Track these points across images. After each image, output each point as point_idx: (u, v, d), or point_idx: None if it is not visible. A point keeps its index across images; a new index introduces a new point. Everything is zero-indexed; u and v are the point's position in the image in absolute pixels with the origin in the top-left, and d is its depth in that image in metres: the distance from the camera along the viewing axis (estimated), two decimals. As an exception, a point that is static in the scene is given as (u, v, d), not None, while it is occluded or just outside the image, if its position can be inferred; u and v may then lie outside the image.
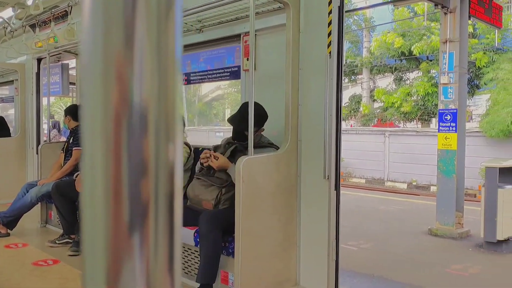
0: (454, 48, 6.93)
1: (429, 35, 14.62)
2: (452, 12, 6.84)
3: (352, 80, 19.88)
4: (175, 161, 0.38)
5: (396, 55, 16.02)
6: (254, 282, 3.06)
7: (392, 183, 13.90)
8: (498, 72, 12.65)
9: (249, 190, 2.97)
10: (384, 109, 17.21)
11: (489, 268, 5.51)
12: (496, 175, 5.97)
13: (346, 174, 15.03)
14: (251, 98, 2.96)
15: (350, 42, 19.50)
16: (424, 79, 15.26)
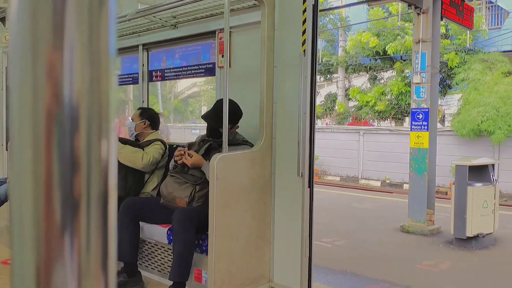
0: (426, 48, 7.05)
1: (403, 35, 14.85)
2: (425, 13, 6.96)
3: (328, 78, 20.05)
4: (109, 158, 0.37)
5: (371, 55, 16.22)
6: (228, 279, 3.06)
7: (366, 181, 14.09)
8: (469, 72, 12.94)
9: (223, 188, 2.96)
10: (359, 108, 17.42)
11: (458, 264, 5.64)
12: (466, 173, 6.12)
13: (322, 172, 15.15)
14: (225, 95, 2.95)
15: (326, 41, 19.65)
16: (398, 79, 15.50)
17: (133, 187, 3.66)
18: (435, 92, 7.43)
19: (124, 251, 3.27)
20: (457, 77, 13.41)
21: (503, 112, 11.34)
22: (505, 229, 7.16)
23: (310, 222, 3.27)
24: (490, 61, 13.21)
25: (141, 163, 3.60)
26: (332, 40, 19.73)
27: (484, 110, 11.51)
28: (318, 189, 11.47)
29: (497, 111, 11.41)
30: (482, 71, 12.82)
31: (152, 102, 22.38)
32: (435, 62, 7.31)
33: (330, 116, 20.16)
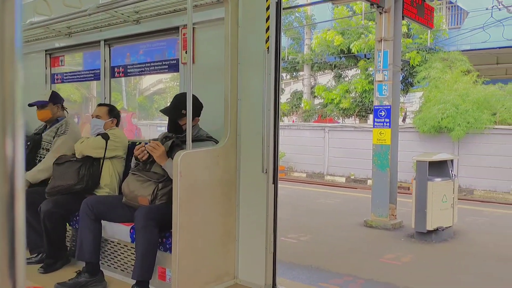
0: (388, 46, 7.21)
1: (367, 33, 15.11)
2: (387, 12, 7.11)
3: (294, 76, 20.21)
4: (15, 157, 0.34)
5: (335, 53, 16.44)
6: (192, 277, 3.04)
7: (332, 177, 14.29)
8: (430, 70, 13.30)
9: (187, 185, 2.94)
10: (324, 105, 17.64)
11: (419, 256, 5.81)
12: (426, 168, 6.30)
13: (288, 168, 15.28)
14: (189, 92, 2.93)
15: (292, 39, 19.79)
16: (362, 77, 15.78)
17: (87, 179, 3.57)
18: (397, 89, 7.61)
19: (85, 251, 3.20)
20: (419, 76, 13.76)
21: (462, 110, 11.72)
22: (464, 222, 7.42)
23: (274, 218, 3.30)
24: (450, 60, 13.62)
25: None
26: (298, 38, 19.89)
27: (444, 107, 11.86)
28: (284, 186, 11.60)
29: (457, 108, 11.78)
30: (443, 70, 13.20)
31: (117, 98, 21.97)
32: (397, 61, 7.48)
33: (296, 113, 20.33)
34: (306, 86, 19.41)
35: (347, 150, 13.95)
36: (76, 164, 3.56)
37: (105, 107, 3.91)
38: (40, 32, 4.78)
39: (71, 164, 3.58)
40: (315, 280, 4.70)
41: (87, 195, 3.45)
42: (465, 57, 13.60)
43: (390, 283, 4.70)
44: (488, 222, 7.87)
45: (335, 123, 16.58)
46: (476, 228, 7.30)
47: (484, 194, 11.28)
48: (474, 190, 11.54)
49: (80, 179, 3.53)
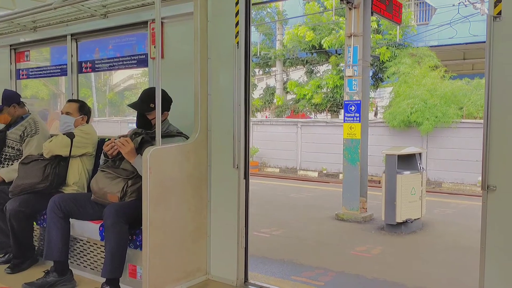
0: (358, 42, 7.31)
1: (338, 29, 15.25)
2: (356, 8, 7.21)
3: (266, 72, 20.25)
4: None
5: (307, 48, 16.54)
6: (164, 274, 3.02)
7: (304, 171, 14.41)
8: (399, 66, 13.54)
9: (157, 181, 2.91)
10: (296, 101, 17.75)
11: (389, 248, 5.93)
12: (395, 162, 6.43)
13: (262, 164, 15.33)
14: (158, 87, 2.90)
15: (264, 35, 19.81)
16: (333, 72, 15.93)
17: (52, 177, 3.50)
18: (366, 84, 7.72)
19: (53, 250, 3.14)
20: (388, 71, 13.99)
21: (430, 104, 11.99)
22: (432, 214, 7.61)
23: (246, 213, 3.30)
24: (418, 55, 13.90)
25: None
26: (270, 33, 19.92)
27: (413, 102, 12.11)
28: (258, 181, 11.63)
29: (425, 103, 12.04)
30: (411, 65, 13.46)
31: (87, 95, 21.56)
32: (366, 56, 7.58)
33: (269, 109, 20.39)
34: (279, 82, 19.48)
35: (319, 145, 14.08)
36: (42, 163, 3.49)
37: (75, 104, 3.83)
38: (4, 27, 4.65)
39: (37, 163, 3.50)
40: (288, 273, 4.74)
41: (55, 194, 3.38)
42: (433, 52, 13.90)
43: (360, 275, 4.79)
44: (455, 214, 8.10)
45: (307, 119, 16.71)
46: (444, 220, 7.51)
47: (452, 187, 11.59)
48: (442, 183, 11.84)
49: (45, 178, 3.46)
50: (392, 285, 4.53)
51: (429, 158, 12.00)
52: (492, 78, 2.30)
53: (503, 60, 2.28)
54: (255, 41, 19.21)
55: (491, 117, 2.31)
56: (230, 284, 3.27)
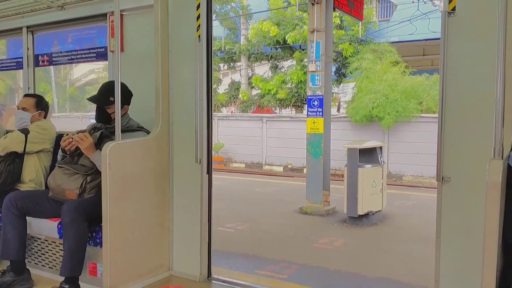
0: (320, 37, 7.39)
1: (302, 25, 15.36)
2: (319, 3, 7.28)
3: (231, 67, 20.20)
4: None
5: (272, 44, 16.59)
6: (125, 271, 2.99)
7: (270, 166, 14.49)
8: (362, 62, 13.76)
9: (117, 177, 2.87)
10: (261, 96, 17.79)
11: (351, 240, 6.06)
12: (357, 155, 6.56)
13: (227, 159, 15.32)
14: (117, 81, 2.85)
15: (229, 29, 19.73)
16: (297, 68, 16.05)
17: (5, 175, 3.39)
18: (329, 80, 7.82)
19: (10, 249, 3.05)
20: (351, 66, 14.20)
21: (391, 99, 12.26)
22: (392, 206, 7.81)
23: (209, 208, 3.30)
24: (380, 51, 14.16)
25: None
26: (235, 28, 19.86)
27: (374, 97, 12.35)
28: (223, 177, 11.61)
29: (386, 98, 12.30)
30: (373, 61, 13.70)
31: (46, 89, 20.90)
32: (329, 51, 7.68)
33: (234, 104, 20.37)
34: (244, 77, 19.48)
35: (284, 140, 14.18)
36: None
37: (32, 99, 3.70)
38: (-45, 18, 4.44)
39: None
40: (252, 267, 4.77)
41: (10, 191, 3.27)
42: (394, 48, 14.20)
43: (323, 267, 4.87)
44: (414, 206, 8.34)
45: (272, 114, 16.79)
46: (404, 212, 7.72)
47: (412, 180, 11.91)
48: (403, 176, 12.16)
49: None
50: (354, 276, 4.63)
51: (390, 151, 12.29)
52: (447, 73, 2.37)
53: (457, 55, 2.35)
54: (219, 36, 19.10)
55: (445, 111, 2.38)
56: (193, 280, 3.26)
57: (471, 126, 2.32)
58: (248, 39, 18.01)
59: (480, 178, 1.82)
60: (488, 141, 1.95)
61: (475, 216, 2.30)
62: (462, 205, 2.38)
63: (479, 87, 2.29)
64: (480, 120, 2.28)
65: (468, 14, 2.32)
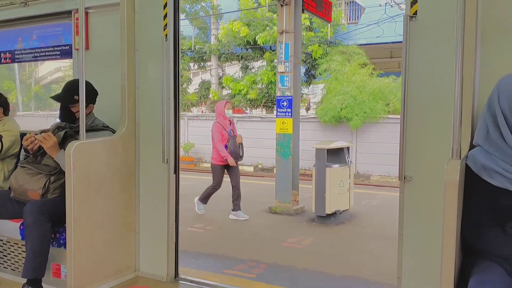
0: (289, 38, 7.45)
1: (272, 26, 15.43)
2: (288, 5, 7.34)
3: (202, 66, 20.09)
4: None
5: (242, 44, 16.60)
6: (89, 272, 2.94)
7: (241, 166, 14.40)
8: (331, 63, 13.94)
9: (81, 177, 2.82)
10: (232, 96, 17.77)
11: (319, 239, 6.13)
12: (325, 155, 6.64)
13: (198, 159, 15.22)
14: (81, 79, 2.80)
15: (199, 29, 19.62)
16: (267, 68, 16.11)
17: None
18: (298, 81, 7.89)
19: (-32, 252, 2.95)
20: (320, 68, 14.36)
21: (359, 100, 12.47)
22: (360, 205, 7.94)
23: (176, 208, 3.28)
24: (348, 53, 14.38)
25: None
26: (205, 27, 19.77)
27: (343, 98, 12.53)
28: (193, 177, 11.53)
29: (355, 99, 12.50)
30: (342, 63, 13.90)
31: (11, 88, 20.29)
32: (298, 53, 7.75)
33: (205, 103, 20.27)
34: (214, 77, 19.40)
35: (255, 140, 14.19)
36: None
37: None
38: None
39: None
40: (220, 267, 4.76)
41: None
42: (362, 50, 14.44)
43: (291, 266, 4.91)
44: (381, 205, 8.50)
45: (243, 114, 16.80)
46: (370, 211, 7.87)
47: (379, 179, 12.14)
48: (370, 176, 12.38)
49: None
50: (321, 275, 4.69)
51: (358, 152, 12.49)
52: (408, 75, 2.43)
53: (418, 58, 2.42)
54: (189, 35, 18.98)
55: (407, 113, 2.45)
56: (160, 280, 3.24)
57: (432, 127, 2.39)
58: (219, 39, 17.97)
59: (440, 177, 1.87)
60: (448, 142, 2.00)
61: (436, 214, 2.36)
62: (423, 203, 2.45)
63: (439, 89, 2.36)
64: (440, 121, 2.35)
65: (428, 18, 2.39)
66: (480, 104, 2.20)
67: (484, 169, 1.89)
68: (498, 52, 2.26)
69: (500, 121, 1.87)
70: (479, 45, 2.23)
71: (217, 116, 7.17)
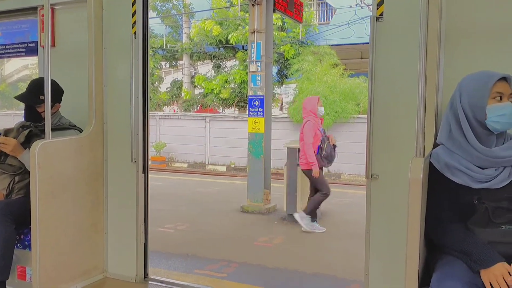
0: (261, 38, 7.47)
1: (244, 25, 15.44)
2: (259, 4, 7.36)
3: (174, 65, 19.93)
4: None
5: (214, 43, 16.54)
6: (56, 274, 2.88)
7: (213, 166, 14.44)
8: (302, 63, 14.06)
9: (47, 177, 2.76)
10: (204, 95, 17.70)
11: (290, 237, 6.17)
12: (296, 154, 6.69)
13: (169, 159, 15.10)
14: (47, 77, 2.73)
15: (171, 27, 19.46)
16: (240, 68, 16.11)
17: None
18: (269, 80, 7.93)
19: None
20: (292, 68, 14.46)
21: (330, 100, 12.60)
22: (330, 204, 7.99)
23: (145, 208, 3.25)
24: (320, 53, 14.53)
25: None
26: (177, 26, 19.62)
27: (315, 98, 12.63)
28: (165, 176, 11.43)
29: (326, 99, 12.62)
30: (314, 63, 14.03)
31: (-25, 86, 19.63)
32: (269, 52, 7.78)
33: (177, 103, 20.13)
34: (186, 76, 19.28)
35: (228, 139, 14.18)
36: None
37: None
38: None
39: None
40: (191, 267, 4.74)
41: None
42: (333, 51, 14.61)
43: (262, 265, 4.93)
44: (351, 203, 8.62)
45: (216, 113, 16.75)
46: (341, 209, 7.97)
47: (350, 178, 12.31)
48: (341, 174, 12.54)
49: None
50: (292, 273, 4.72)
51: (329, 151, 12.60)
52: (375, 76, 2.47)
53: (384, 59, 2.46)
54: (161, 34, 18.80)
55: (373, 112, 2.49)
56: (129, 281, 3.20)
57: (397, 126, 2.44)
58: (191, 38, 17.86)
59: (405, 175, 1.91)
60: (413, 141, 2.05)
61: (401, 212, 2.40)
62: (389, 201, 2.50)
63: (404, 89, 2.41)
64: (405, 120, 2.40)
65: (394, 19, 2.43)
66: (444, 104, 2.26)
67: (447, 167, 1.94)
68: (461, 53, 2.32)
69: (462, 121, 1.93)
70: (442, 46, 2.29)
71: (307, 114, 6.23)
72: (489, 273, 1.74)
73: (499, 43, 2.25)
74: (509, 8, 2.23)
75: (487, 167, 1.90)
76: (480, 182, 1.88)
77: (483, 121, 1.89)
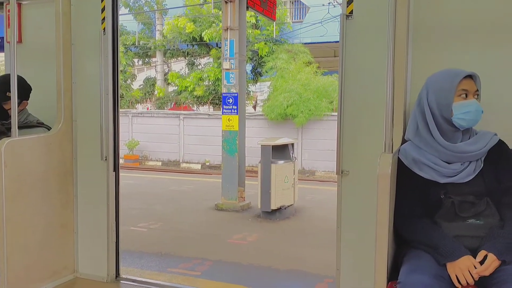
0: (234, 36, 7.46)
1: (218, 22, 15.38)
2: (232, 2, 7.35)
3: (147, 62, 19.69)
4: None
5: (188, 40, 16.43)
6: (24, 275, 2.82)
7: (187, 164, 14.36)
8: (277, 61, 14.11)
9: (14, 176, 2.70)
10: (178, 93, 17.57)
11: (264, 234, 6.20)
12: (270, 152, 6.73)
13: (143, 157, 14.94)
14: (13, 73, 2.68)
15: (143, 24, 19.23)
16: (214, 65, 16.05)
17: None
18: (243, 78, 7.93)
19: None
20: (267, 66, 14.49)
21: (304, 98, 12.70)
22: (304, 200, 8.10)
23: (116, 207, 3.21)
24: (294, 51, 14.61)
25: None
26: (150, 23, 19.39)
27: (289, 96, 12.72)
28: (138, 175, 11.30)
29: (300, 97, 12.72)
30: (287, 61, 14.10)
31: None
32: (243, 50, 7.78)
33: (150, 100, 19.91)
34: (160, 73, 19.08)
35: (202, 137, 14.13)
36: None
37: None
38: None
39: None
40: (164, 266, 4.71)
41: None
42: (307, 49, 14.71)
43: (236, 262, 4.94)
44: (325, 199, 8.71)
45: (190, 111, 16.64)
46: (314, 205, 8.04)
47: (323, 175, 12.43)
48: (315, 171, 12.65)
49: None
50: (266, 270, 4.75)
51: (303, 148, 12.73)
52: (345, 73, 2.50)
53: (353, 57, 2.49)
54: (133, 30, 18.55)
55: (343, 110, 2.52)
56: (100, 281, 3.16)
57: (367, 123, 2.48)
58: (164, 35, 17.68)
59: (374, 171, 1.95)
60: (381, 137, 2.09)
61: (371, 207, 2.43)
62: (359, 196, 2.54)
63: (373, 86, 2.44)
64: (374, 117, 2.43)
65: (364, 17, 2.47)
66: (412, 101, 2.30)
67: (415, 162, 1.98)
68: (428, 51, 2.37)
69: (428, 118, 1.97)
70: (410, 44, 2.33)
71: None
72: (455, 266, 1.78)
73: (465, 40, 2.30)
74: (475, 6, 2.29)
75: (453, 162, 1.94)
76: (447, 177, 1.92)
77: (449, 118, 1.93)
